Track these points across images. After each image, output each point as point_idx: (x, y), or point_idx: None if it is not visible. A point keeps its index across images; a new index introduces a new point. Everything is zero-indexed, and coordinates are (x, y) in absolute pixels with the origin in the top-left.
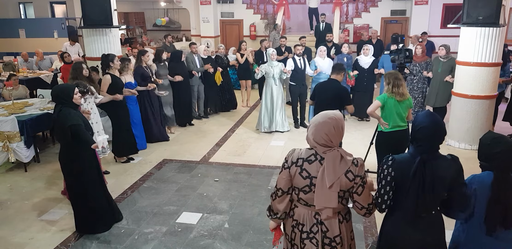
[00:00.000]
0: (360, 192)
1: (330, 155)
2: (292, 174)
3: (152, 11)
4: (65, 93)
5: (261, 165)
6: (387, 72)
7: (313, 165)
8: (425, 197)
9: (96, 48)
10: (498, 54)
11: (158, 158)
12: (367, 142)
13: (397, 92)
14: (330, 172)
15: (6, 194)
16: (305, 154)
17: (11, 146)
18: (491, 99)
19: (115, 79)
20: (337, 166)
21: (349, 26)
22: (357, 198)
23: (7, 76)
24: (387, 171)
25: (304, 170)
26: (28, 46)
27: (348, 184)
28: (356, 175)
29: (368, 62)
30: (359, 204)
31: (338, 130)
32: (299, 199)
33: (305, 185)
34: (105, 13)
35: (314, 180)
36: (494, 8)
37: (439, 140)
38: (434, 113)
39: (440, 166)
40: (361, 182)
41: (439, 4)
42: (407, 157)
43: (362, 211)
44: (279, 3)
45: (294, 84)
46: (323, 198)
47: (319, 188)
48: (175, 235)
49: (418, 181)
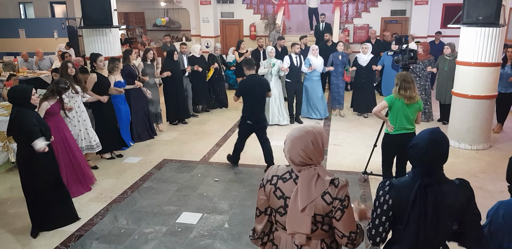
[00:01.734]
0: (339, 217)
1: (305, 173)
2: (267, 193)
3: (152, 11)
4: (22, 95)
5: (261, 165)
6: (398, 74)
7: (287, 183)
8: (427, 229)
9: (96, 48)
10: (498, 54)
11: (158, 158)
12: (367, 142)
13: (404, 95)
14: (303, 193)
15: (6, 194)
16: (281, 171)
17: (11, 146)
18: (491, 99)
19: (101, 79)
20: (312, 186)
21: (349, 26)
22: (336, 224)
23: (7, 76)
24: (383, 198)
25: (278, 189)
26: (28, 46)
27: (326, 207)
28: (334, 197)
29: (367, 60)
30: (338, 231)
31: (317, 145)
32: (276, 222)
33: (279, 206)
34: (105, 13)
35: (288, 200)
36: (494, 8)
37: (433, 161)
38: (439, 132)
39: (445, 193)
40: (340, 205)
41: (439, 4)
42: (406, 182)
43: (343, 240)
44: (279, 3)
45: (290, 81)
46: (295, 221)
47: (292, 210)
48: (175, 235)
49: (418, 210)
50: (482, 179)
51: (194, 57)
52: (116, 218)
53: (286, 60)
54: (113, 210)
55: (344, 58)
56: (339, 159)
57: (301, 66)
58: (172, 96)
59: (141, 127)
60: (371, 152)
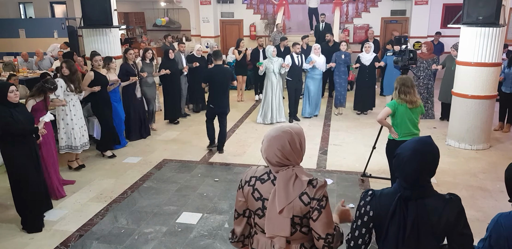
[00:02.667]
0: (316, 217)
1: (283, 174)
2: (245, 194)
3: (152, 11)
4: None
5: (261, 165)
6: (398, 77)
7: (265, 184)
8: (405, 246)
9: (96, 48)
10: (498, 54)
11: (158, 158)
12: (367, 142)
13: (405, 99)
14: (281, 195)
15: (6, 194)
16: (259, 172)
17: None
18: (491, 99)
19: (98, 76)
20: (290, 187)
21: (349, 26)
22: (313, 225)
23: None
24: (364, 209)
25: (256, 190)
26: (28, 46)
27: (304, 208)
28: (312, 197)
29: (369, 59)
30: (315, 232)
31: (295, 146)
32: (255, 224)
33: (257, 207)
34: (105, 13)
35: (266, 202)
36: (494, 8)
37: (416, 174)
38: (427, 142)
39: (429, 208)
40: (317, 205)
41: (439, 4)
42: (389, 193)
43: (320, 242)
44: (279, 3)
45: (291, 80)
46: (273, 224)
47: (270, 212)
48: (175, 235)
49: (397, 225)
50: (482, 179)
51: (193, 56)
52: (116, 218)
53: (288, 59)
54: (113, 210)
55: (347, 58)
56: (339, 159)
57: (302, 65)
58: (169, 95)
59: (133, 126)
60: (370, 154)
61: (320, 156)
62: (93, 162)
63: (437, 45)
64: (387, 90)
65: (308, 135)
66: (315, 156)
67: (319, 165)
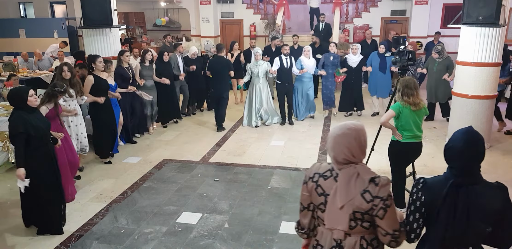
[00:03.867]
0: (382, 216)
1: (345, 171)
2: (309, 189)
3: (152, 11)
4: (18, 96)
5: (261, 165)
6: (401, 79)
7: (328, 181)
8: (455, 229)
9: (96, 48)
10: (498, 54)
11: (158, 158)
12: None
13: (408, 101)
14: (342, 191)
15: (6, 194)
16: (322, 169)
17: (11, 146)
18: (491, 99)
19: (98, 81)
20: (352, 185)
21: (349, 26)
22: (379, 222)
23: (7, 76)
24: (416, 195)
25: (319, 186)
26: (28, 46)
27: (366, 205)
28: (374, 196)
29: (356, 61)
30: (382, 229)
31: (360, 143)
32: (318, 217)
33: (320, 202)
34: (105, 13)
35: (328, 197)
36: (494, 8)
37: (471, 160)
38: (473, 131)
39: (479, 193)
40: (382, 204)
41: (439, 4)
42: (440, 180)
43: (386, 238)
44: (279, 3)
45: (280, 83)
46: (333, 218)
47: (330, 207)
48: (175, 235)
49: (448, 209)
50: None
51: (188, 58)
52: (116, 218)
53: (276, 62)
54: (113, 210)
55: (336, 60)
56: None
57: (291, 68)
58: (161, 98)
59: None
60: (368, 156)
61: (320, 156)
62: (93, 161)
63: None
64: (372, 91)
65: (308, 135)
66: (315, 156)
67: None
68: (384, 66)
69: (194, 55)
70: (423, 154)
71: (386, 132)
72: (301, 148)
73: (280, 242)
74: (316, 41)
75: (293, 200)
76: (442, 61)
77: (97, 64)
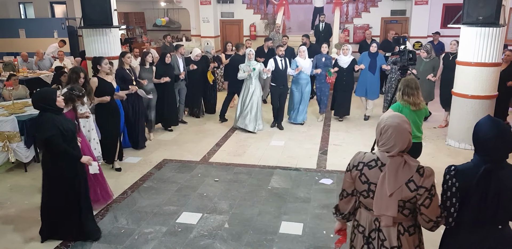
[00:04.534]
0: (428, 205)
1: (394, 160)
2: (353, 177)
3: (152, 11)
4: (47, 98)
5: (261, 165)
6: (403, 79)
7: (373, 170)
8: (486, 209)
9: (96, 48)
10: (498, 54)
11: (158, 158)
12: (367, 142)
13: (408, 101)
14: (391, 180)
15: (6, 194)
16: (367, 158)
17: (11, 146)
18: (491, 99)
19: (103, 83)
20: (400, 173)
21: (349, 26)
22: (425, 211)
23: (7, 76)
24: (451, 182)
25: (363, 174)
26: (28, 46)
27: (409, 194)
28: (419, 186)
29: (347, 61)
30: (426, 217)
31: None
32: (360, 202)
33: (363, 189)
34: (105, 13)
35: (372, 186)
36: (494, 8)
37: (503, 149)
38: (498, 121)
39: (508, 177)
40: (428, 194)
41: (439, 4)
42: (470, 166)
43: (429, 224)
44: (279, 3)
45: (275, 85)
46: (381, 205)
47: (378, 195)
48: (175, 235)
49: (480, 192)
50: None
51: (190, 59)
52: (116, 218)
53: (271, 64)
54: (113, 210)
55: (328, 61)
56: (339, 159)
57: (286, 70)
58: (163, 103)
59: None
60: None
61: (320, 156)
62: None
63: (436, 45)
64: (359, 91)
65: (308, 135)
66: (315, 156)
67: (319, 165)
68: (374, 67)
69: (197, 57)
70: (423, 153)
71: None
72: (301, 148)
73: (280, 242)
74: (306, 42)
75: (293, 200)
76: (429, 61)
77: (103, 66)
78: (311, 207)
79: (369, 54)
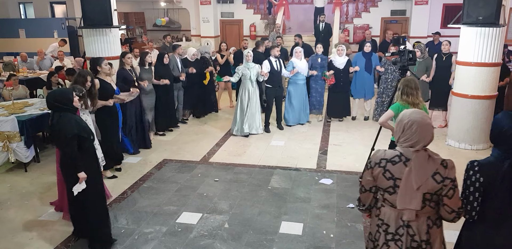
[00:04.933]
0: (451, 195)
1: (420, 155)
2: (375, 174)
3: (152, 11)
4: (65, 98)
5: (261, 165)
6: (403, 78)
7: (397, 166)
8: (511, 204)
9: (96, 49)
10: (498, 54)
11: (158, 158)
12: (367, 142)
13: (406, 100)
14: (418, 173)
15: (6, 194)
16: (389, 155)
17: (11, 146)
18: (491, 99)
19: (104, 85)
20: (426, 167)
21: (349, 26)
22: (447, 201)
23: (7, 76)
24: (474, 177)
25: (388, 171)
26: (28, 46)
27: (435, 186)
28: (444, 177)
29: (343, 62)
30: (448, 207)
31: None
32: (384, 200)
33: (388, 186)
34: (105, 13)
35: (397, 181)
36: (494, 8)
37: None
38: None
39: None
40: (452, 185)
41: (439, 4)
42: (492, 161)
43: (452, 215)
44: (279, 3)
45: (270, 87)
46: (405, 198)
47: (403, 189)
48: (175, 235)
49: (505, 187)
50: None
51: (187, 60)
52: (116, 218)
53: (266, 65)
54: (113, 210)
55: (324, 61)
56: (339, 159)
57: (281, 71)
58: (162, 104)
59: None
60: (369, 156)
61: (320, 156)
62: None
63: (437, 45)
64: (356, 93)
65: (308, 135)
66: (315, 156)
67: (319, 165)
68: (369, 66)
69: (194, 56)
70: None
71: (386, 132)
72: (301, 148)
73: (280, 242)
74: (298, 42)
75: (293, 200)
76: (423, 61)
77: (103, 67)
78: (311, 207)
79: (363, 54)
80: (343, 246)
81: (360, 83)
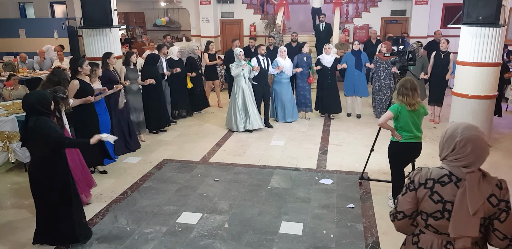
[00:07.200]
0: (504, 219)
1: (474, 176)
2: (420, 197)
3: (152, 11)
4: (46, 101)
5: (261, 165)
6: (402, 79)
7: (447, 187)
8: None
9: (96, 48)
10: (498, 54)
11: (158, 158)
12: (367, 142)
13: (402, 101)
14: (474, 196)
15: (6, 194)
16: (436, 174)
17: (11, 146)
18: (491, 99)
19: (84, 85)
20: (481, 189)
21: (349, 26)
22: (499, 226)
23: (7, 76)
24: None
25: (436, 193)
26: (28, 46)
27: (491, 209)
28: (500, 199)
29: (331, 61)
30: (500, 233)
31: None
32: (427, 226)
33: (436, 210)
34: (105, 13)
35: (447, 205)
36: (494, 8)
37: None
38: None
39: None
40: (505, 207)
41: (439, 4)
42: None
43: (504, 242)
44: (279, 3)
45: (257, 84)
46: (462, 225)
47: (458, 214)
48: (175, 235)
49: None
50: None
51: (172, 60)
52: (116, 218)
53: (254, 63)
54: (113, 210)
55: (309, 60)
56: (339, 159)
57: (268, 69)
58: (154, 104)
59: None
60: (368, 157)
61: (320, 156)
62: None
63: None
64: (348, 91)
65: (308, 135)
66: (315, 156)
67: (319, 165)
68: (360, 64)
69: (178, 53)
70: (423, 153)
71: (386, 132)
72: (301, 148)
73: (280, 242)
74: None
75: (293, 200)
76: (418, 60)
77: (84, 68)
78: (311, 207)
79: (352, 53)
80: (343, 246)
81: (350, 81)
